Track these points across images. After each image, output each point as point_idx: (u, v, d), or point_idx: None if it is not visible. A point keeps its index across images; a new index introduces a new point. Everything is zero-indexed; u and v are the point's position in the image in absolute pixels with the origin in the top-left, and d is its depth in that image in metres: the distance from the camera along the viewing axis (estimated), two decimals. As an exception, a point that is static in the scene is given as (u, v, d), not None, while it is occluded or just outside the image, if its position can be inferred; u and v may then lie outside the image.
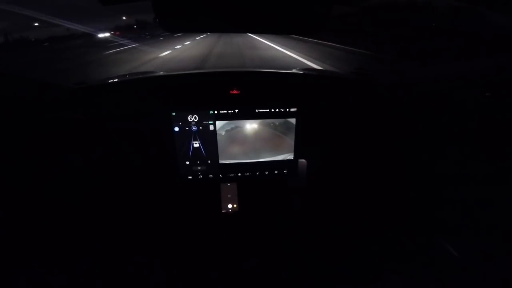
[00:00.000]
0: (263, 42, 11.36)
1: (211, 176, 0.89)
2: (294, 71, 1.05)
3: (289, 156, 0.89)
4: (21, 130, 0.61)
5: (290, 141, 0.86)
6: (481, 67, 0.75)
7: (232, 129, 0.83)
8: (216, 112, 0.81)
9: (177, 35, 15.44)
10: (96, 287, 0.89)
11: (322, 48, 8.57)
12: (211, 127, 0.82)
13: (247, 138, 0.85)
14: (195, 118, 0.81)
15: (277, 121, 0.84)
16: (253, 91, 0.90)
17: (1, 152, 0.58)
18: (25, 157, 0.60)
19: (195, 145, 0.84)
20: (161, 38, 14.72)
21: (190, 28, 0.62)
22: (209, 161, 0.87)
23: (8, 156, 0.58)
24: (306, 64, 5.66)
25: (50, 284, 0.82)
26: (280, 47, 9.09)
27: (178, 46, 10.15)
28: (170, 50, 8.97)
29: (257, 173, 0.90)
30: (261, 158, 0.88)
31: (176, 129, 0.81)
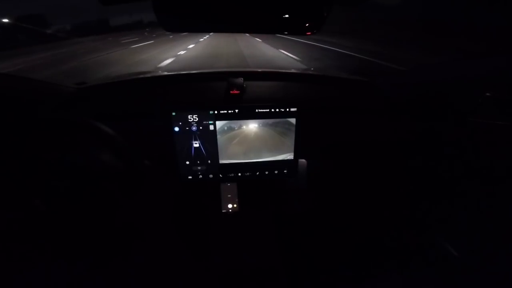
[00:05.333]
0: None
1: (211, 176, 0.89)
2: (294, 71, 1.05)
3: (289, 156, 0.89)
4: (21, 131, 0.61)
5: (290, 141, 0.86)
6: (480, 67, 0.76)
7: (232, 129, 0.83)
8: (216, 112, 0.81)
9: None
10: (96, 287, 0.89)
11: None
12: (211, 127, 0.82)
13: (247, 138, 0.85)
14: (195, 118, 0.81)
15: (277, 121, 0.83)
16: (253, 91, 0.90)
17: (1, 153, 0.58)
18: (25, 158, 0.60)
19: (195, 145, 0.84)
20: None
21: (190, 28, 0.62)
22: (209, 161, 0.87)
23: (8, 157, 0.58)
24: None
25: (50, 284, 0.82)
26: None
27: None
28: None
29: (257, 173, 0.90)
30: (261, 158, 0.88)
31: (176, 129, 0.81)
